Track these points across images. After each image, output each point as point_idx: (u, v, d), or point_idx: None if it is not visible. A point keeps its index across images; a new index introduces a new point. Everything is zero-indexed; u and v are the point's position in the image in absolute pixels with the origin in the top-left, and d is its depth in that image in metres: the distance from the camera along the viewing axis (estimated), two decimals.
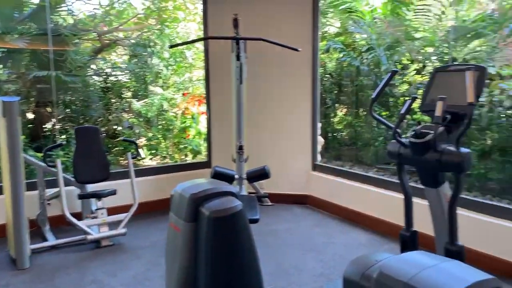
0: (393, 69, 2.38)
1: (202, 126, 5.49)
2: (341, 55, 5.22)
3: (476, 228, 2.83)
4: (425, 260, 1.02)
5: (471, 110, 1.89)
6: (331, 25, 5.63)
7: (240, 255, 1.74)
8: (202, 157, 5.28)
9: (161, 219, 3.85)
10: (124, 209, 3.54)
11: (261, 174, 3.46)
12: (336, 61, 5.42)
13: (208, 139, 4.57)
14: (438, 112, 1.94)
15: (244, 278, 1.76)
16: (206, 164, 4.54)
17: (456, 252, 2.02)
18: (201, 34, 4.83)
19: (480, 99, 3.62)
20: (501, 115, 3.64)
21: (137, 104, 5.52)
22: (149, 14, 5.87)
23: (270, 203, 4.24)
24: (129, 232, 3.44)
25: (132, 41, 5.79)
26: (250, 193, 3.79)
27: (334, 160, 4.97)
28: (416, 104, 2.59)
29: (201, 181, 1.87)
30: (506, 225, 2.73)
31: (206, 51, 4.46)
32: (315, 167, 4.32)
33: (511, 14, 4.26)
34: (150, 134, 5.55)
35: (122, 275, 2.82)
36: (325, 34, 5.55)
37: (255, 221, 2.69)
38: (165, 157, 5.55)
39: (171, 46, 4.81)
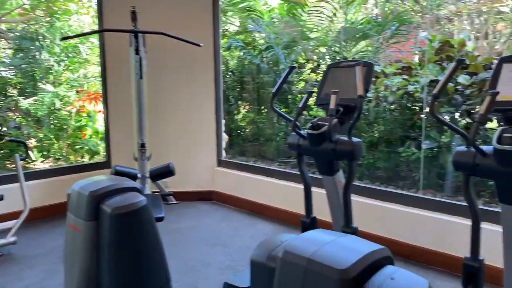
0: (291, 65, 2.49)
1: (100, 125, 5.21)
2: (241, 53, 5.32)
3: (367, 212, 3.09)
4: (325, 237, 1.10)
5: (361, 102, 2.06)
6: (231, 23, 5.71)
7: (146, 252, 1.69)
8: (100, 158, 5.01)
9: (57, 224, 3.57)
10: (14, 216, 3.22)
11: (165, 172, 3.40)
12: (237, 59, 5.51)
13: (107, 138, 4.35)
14: (332, 105, 2.09)
15: (151, 276, 1.71)
16: (105, 164, 4.32)
17: (351, 233, 2.18)
18: (96, 28, 4.58)
19: (368, 95, 3.97)
20: (386, 110, 4.01)
21: (24, 102, 5.04)
22: (36, 4, 5.40)
23: (175, 201, 4.18)
24: (21, 241, 3.14)
25: (17, 33, 5.28)
26: (154, 192, 3.71)
27: (239, 156, 5.06)
28: (312, 100, 2.73)
29: (100, 178, 1.78)
30: (393, 207, 3.02)
31: (102, 45, 4.23)
32: (220, 163, 4.36)
33: (391, 18, 4.71)
34: (41, 135, 5.11)
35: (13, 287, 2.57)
36: (226, 32, 5.62)
37: (159, 219, 2.64)
38: (58, 159, 5.16)
39: (63, 39, 4.48)
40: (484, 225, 1.99)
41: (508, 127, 1.66)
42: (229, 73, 5.37)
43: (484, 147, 1.70)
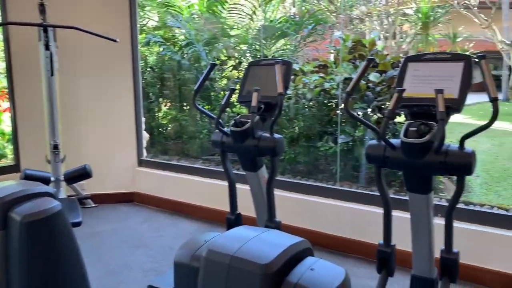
0: (212, 62, 2.48)
1: (6, 125, 4.79)
2: (161, 49, 5.20)
3: (291, 205, 3.18)
4: (248, 233, 1.11)
5: (281, 100, 2.11)
6: (150, 18, 5.55)
7: (61, 261, 1.59)
8: (8, 161, 4.61)
9: None
10: None
11: (82, 174, 3.22)
12: (157, 55, 5.37)
13: (15, 139, 4.01)
14: (254, 102, 2.12)
15: (68, 285, 1.61)
16: (14, 168, 3.98)
17: (274, 227, 2.24)
18: None
19: (287, 92, 4.08)
20: (305, 106, 4.15)
21: None
22: None
23: (93, 205, 3.98)
24: None
25: None
26: (70, 195, 3.50)
27: (161, 155, 4.94)
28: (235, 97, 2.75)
29: (8, 183, 1.64)
30: (314, 200, 3.15)
31: (7, 40, 3.88)
32: (141, 163, 4.23)
33: (308, 17, 4.89)
34: None
35: None
36: (144, 27, 5.45)
37: (77, 224, 2.50)
38: None
39: None
40: (395, 213, 2.14)
41: (414, 121, 1.79)
42: (148, 69, 5.21)
43: (393, 141, 1.82)
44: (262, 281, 0.93)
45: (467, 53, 1.94)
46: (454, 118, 1.91)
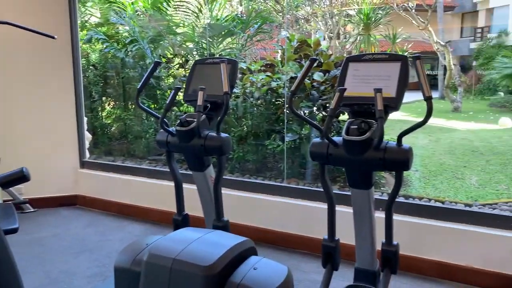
0: (156, 60, 2.43)
1: None
2: (104, 46, 5.02)
3: (239, 204, 3.19)
4: (192, 235, 1.10)
5: (227, 99, 2.11)
6: (92, 14, 5.35)
7: None
8: None
9: None
10: None
11: (18, 178, 3.02)
12: (99, 53, 5.18)
13: None
14: (200, 101, 2.09)
15: None
16: None
17: (222, 227, 2.23)
18: None
19: (235, 91, 4.09)
20: (253, 105, 4.17)
21: None
22: None
23: (32, 209, 3.78)
24: None
25: None
26: (5, 201, 3.30)
27: (105, 156, 4.78)
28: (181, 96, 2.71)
29: None
30: (262, 198, 3.17)
31: None
32: (84, 164, 4.06)
33: (255, 16, 4.91)
34: None
35: None
36: (86, 24, 5.24)
37: (13, 231, 2.35)
38: None
39: None
40: (340, 208, 2.21)
41: (355, 120, 1.85)
42: (90, 67, 5.01)
43: (335, 138, 1.86)
44: (205, 282, 0.92)
45: (406, 53, 2.02)
46: (394, 115, 2.00)
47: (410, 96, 2.11)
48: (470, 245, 2.51)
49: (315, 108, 3.85)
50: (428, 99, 1.70)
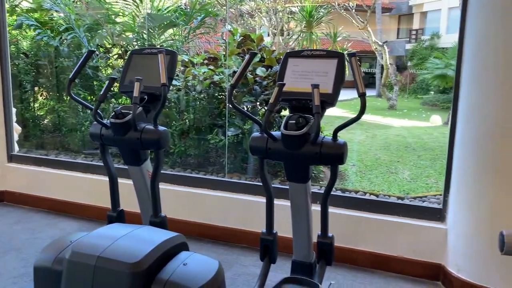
0: (90, 49, 2.31)
1: None
2: (36, 33, 4.71)
3: (180, 199, 3.13)
4: (119, 231, 1.05)
5: (165, 91, 2.04)
6: None
7: None
8: None
9: None
10: None
11: None
12: (31, 40, 4.86)
13: None
14: (136, 93, 2.02)
15: None
16: None
17: (159, 223, 2.17)
18: None
19: (177, 84, 4.00)
20: (195, 99, 4.11)
21: None
22: None
23: None
24: None
25: None
26: None
27: (36, 149, 4.50)
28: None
29: None
30: (203, 193, 3.14)
31: None
32: (12, 158, 3.80)
33: (198, 9, 4.83)
34: None
35: None
36: (17, 9, 4.89)
37: None
38: None
39: None
40: (280, 202, 2.23)
41: (293, 114, 1.87)
42: (21, 55, 4.69)
43: (274, 133, 1.87)
44: (131, 280, 0.88)
45: (346, 52, 2.07)
46: (334, 111, 2.04)
47: (350, 94, 2.16)
48: (402, 236, 2.64)
49: (258, 103, 3.86)
50: (362, 96, 1.75)
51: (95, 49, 2.84)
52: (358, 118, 1.75)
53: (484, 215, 2.28)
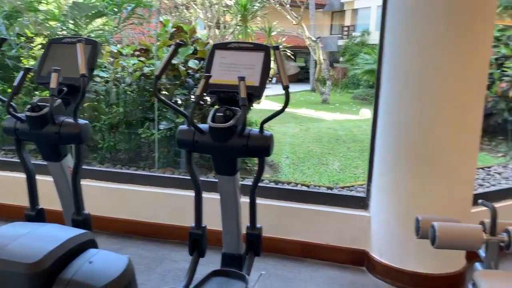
0: (2, 37, 2.14)
1: None
2: None
3: (109, 196, 3.01)
4: (19, 230, 0.98)
5: (84, 82, 1.94)
6: None
7: None
8: None
9: None
10: None
11: None
12: None
13: None
14: (53, 84, 1.90)
15: None
16: None
17: (82, 221, 2.07)
18: None
19: (104, 75, 3.84)
20: (125, 91, 3.97)
21: None
22: None
23: None
24: None
25: None
26: None
27: None
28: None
29: None
30: (133, 189, 3.04)
31: None
32: None
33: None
34: None
35: None
36: None
37: None
38: None
39: None
40: (211, 195, 2.21)
41: (221, 107, 1.86)
42: None
43: (201, 126, 1.85)
44: (29, 281, 0.83)
45: (280, 46, 2.08)
46: (268, 105, 2.05)
47: (293, 88, 2.18)
48: (328, 225, 2.73)
49: (192, 96, 3.81)
50: (286, 89, 1.77)
51: (5, 37, 2.64)
52: (282, 110, 1.78)
53: (402, 202, 2.42)
